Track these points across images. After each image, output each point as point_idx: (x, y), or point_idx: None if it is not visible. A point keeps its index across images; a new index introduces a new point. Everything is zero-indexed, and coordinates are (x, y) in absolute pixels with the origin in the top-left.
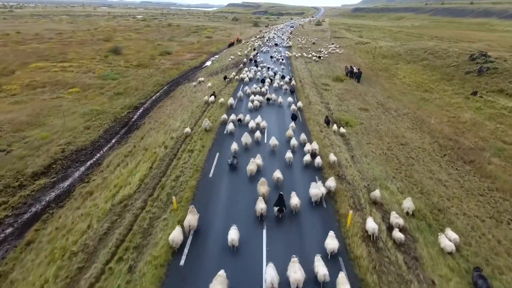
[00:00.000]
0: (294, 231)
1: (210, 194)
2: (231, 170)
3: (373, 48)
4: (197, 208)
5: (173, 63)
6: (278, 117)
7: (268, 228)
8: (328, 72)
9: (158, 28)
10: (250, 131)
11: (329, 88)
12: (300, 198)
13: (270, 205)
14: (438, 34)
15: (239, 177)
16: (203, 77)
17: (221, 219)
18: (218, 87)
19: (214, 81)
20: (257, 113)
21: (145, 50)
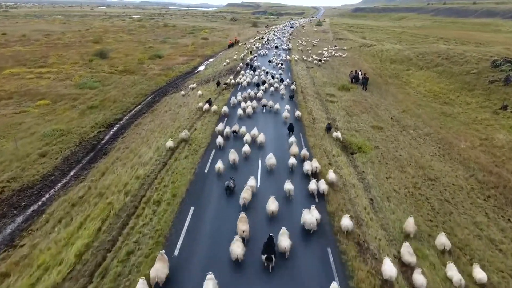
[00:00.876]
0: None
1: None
2: (226, 198)
3: (380, 51)
4: None
5: (163, 68)
6: (275, 128)
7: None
8: (333, 79)
9: (153, 29)
10: (246, 144)
11: (335, 99)
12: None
13: (254, 248)
14: (443, 35)
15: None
16: (194, 84)
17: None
18: (211, 96)
19: (205, 90)
20: (251, 123)
21: (134, 53)
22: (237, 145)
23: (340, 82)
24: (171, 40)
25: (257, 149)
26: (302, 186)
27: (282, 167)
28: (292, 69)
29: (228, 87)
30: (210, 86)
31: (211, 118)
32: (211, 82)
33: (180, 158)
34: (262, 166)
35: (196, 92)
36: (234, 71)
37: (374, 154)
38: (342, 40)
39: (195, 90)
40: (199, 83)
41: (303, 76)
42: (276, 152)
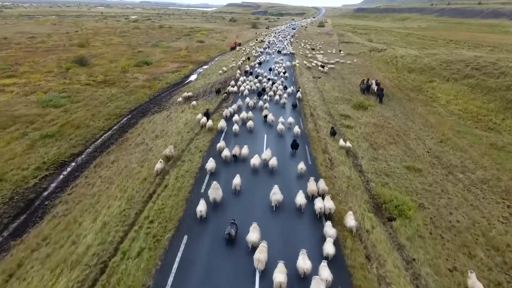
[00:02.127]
0: None
1: None
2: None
3: (393, 57)
4: None
5: (149, 77)
6: (278, 148)
7: None
8: (345, 93)
9: (147, 31)
10: (252, 169)
11: (351, 123)
12: None
13: None
14: (453, 37)
15: None
16: (180, 102)
17: None
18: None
19: (190, 113)
20: (247, 140)
21: (120, 59)
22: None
23: (354, 98)
24: (164, 43)
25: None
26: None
27: (288, 205)
28: (297, 80)
29: (228, 96)
30: (197, 107)
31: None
32: (201, 100)
33: (131, 256)
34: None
35: (180, 116)
36: (229, 84)
37: (421, 220)
38: (348, 43)
39: (179, 112)
40: (186, 98)
41: (311, 89)
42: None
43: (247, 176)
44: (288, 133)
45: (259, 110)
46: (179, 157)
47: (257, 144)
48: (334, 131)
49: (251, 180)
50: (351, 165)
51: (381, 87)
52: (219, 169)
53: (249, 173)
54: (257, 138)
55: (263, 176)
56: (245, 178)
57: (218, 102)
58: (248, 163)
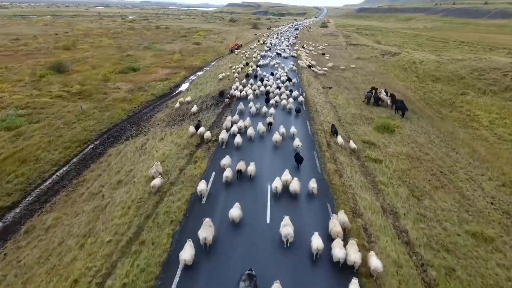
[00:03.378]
0: None
1: None
2: None
3: (411, 62)
4: None
5: (133, 87)
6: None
7: None
8: (363, 109)
9: (142, 32)
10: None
11: (379, 155)
12: None
13: None
14: (463, 38)
15: None
16: (163, 121)
17: None
18: (177, 151)
19: (170, 142)
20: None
21: (105, 64)
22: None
23: (375, 115)
24: (157, 45)
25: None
26: None
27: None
28: (306, 92)
29: (231, 101)
30: (182, 128)
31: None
32: (187, 121)
33: None
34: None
35: (157, 147)
36: (226, 96)
37: None
38: (357, 46)
39: (158, 139)
40: (173, 118)
41: (322, 104)
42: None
43: (252, 201)
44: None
45: (263, 117)
46: (136, 233)
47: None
48: (335, 129)
49: (256, 208)
50: (393, 233)
51: (399, 99)
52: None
53: (255, 197)
54: (261, 151)
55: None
56: (250, 203)
57: (216, 115)
58: (255, 183)
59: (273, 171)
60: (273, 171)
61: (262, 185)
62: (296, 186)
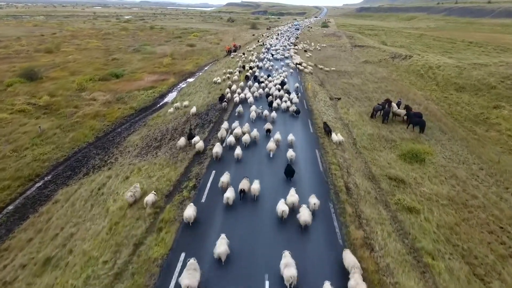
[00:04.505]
0: None
1: None
2: None
3: (426, 67)
4: None
5: (111, 98)
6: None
7: None
8: (380, 127)
9: (135, 32)
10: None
11: (413, 202)
12: None
13: None
14: (470, 38)
15: None
16: (135, 147)
17: None
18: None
19: (139, 183)
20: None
21: (86, 69)
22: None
23: (396, 135)
24: (148, 48)
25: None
26: None
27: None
28: (311, 105)
29: (228, 105)
30: (156, 163)
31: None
32: (163, 148)
33: None
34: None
35: (117, 192)
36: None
37: None
38: (362, 48)
39: (120, 179)
40: (148, 143)
41: (332, 121)
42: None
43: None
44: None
45: (264, 120)
46: None
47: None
48: (329, 128)
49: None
50: None
51: (415, 112)
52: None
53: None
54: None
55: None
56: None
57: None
58: (259, 205)
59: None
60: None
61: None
62: (307, 217)
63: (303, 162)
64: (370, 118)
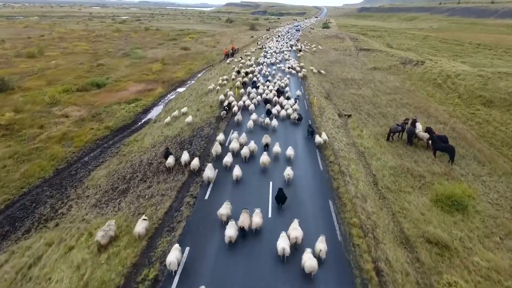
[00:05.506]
0: None
1: None
2: None
3: (444, 76)
4: None
5: (86, 114)
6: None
7: None
8: (402, 155)
9: (128, 34)
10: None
11: (466, 280)
12: None
13: None
14: (478, 40)
15: None
16: (97, 191)
17: None
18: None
19: (82, 261)
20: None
21: (65, 77)
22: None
23: (423, 168)
24: (139, 52)
25: None
26: None
27: None
28: (319, 127)
29: (228, 114)
30: (123, 214)
31: None
32: (132, 194)
33: None
34: None
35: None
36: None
37: None
38: (369, 52)
39: (61, 250)
40: (113, 184)
41: (344, 150)
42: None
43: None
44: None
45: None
46: None
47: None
48: (312, 129)
49: None
50: None
51: (440, 134)
52: None
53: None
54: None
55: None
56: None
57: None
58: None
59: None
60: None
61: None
62: (313, 262)
63: (313, 224)
64: (386, 140)
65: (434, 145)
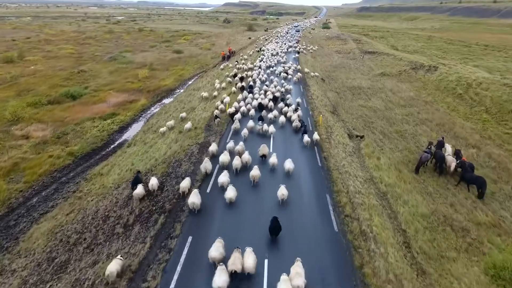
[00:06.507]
0: None
1: None
2: None
3: (463, 84)
4: None
5: (49, 135)
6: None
7: None
8: (434, 197)
9: (120, 36)
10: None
11: None
12: None
13: None
14: (483, 41)
15: None
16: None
17: None
18: None
19: None
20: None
21: (39, 87)
22: None
23: (464, 216)
24: (127, 55)
25: None
26: None
27: None
28: (327, 156)
29: (220, 123)
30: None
31: None
32: (74, 271)
33: None
34: None
35: None
36: (191, 166)
37: None
38: (374, 55)
39: None
40: (58, 245)
41: (360, 189)
42: None
43: None
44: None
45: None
46: None
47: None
48: (305, 129)
49: None
50: None
51: (467, 161)
52: None
53: None
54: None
55: None
56: None
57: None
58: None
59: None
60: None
61: None
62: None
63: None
64: (416, 173)
65: (465, 174)
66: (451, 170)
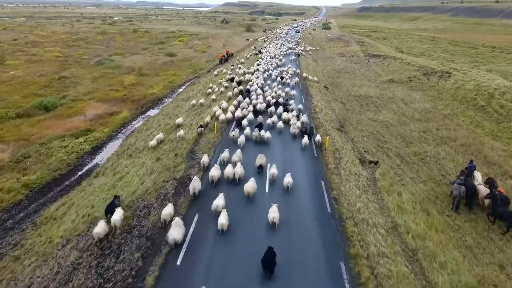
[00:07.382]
0: None
1: None
2: None
3: (484, 93)
4: None
5: (7, 158)
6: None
7: None
8: (478, 250)
9: (113, 37)
10: None
11: None
12: None
13: None
14: (489, 42)
15: None
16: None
17: None
18: None
19: None
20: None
21: (13, 96)
22: None
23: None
24: (116, 59)
25: None
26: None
27: None
28: (337, 193)
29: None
30: None
31: None
32: None
33: None
34: None
35: None
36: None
37: None
38: (380, 59)
39: None
40: None
41: (386, 248)
42: None
43: None
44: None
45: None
46: None
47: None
48: (312, 132)
49: None
50: None
51: (502, 195)
52: None
53: None
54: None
55: None
56: None
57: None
58: None
59: None
60: None
61: None
62: None
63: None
64: (455, 211)
65: (497, 208)
66: (486, 204)
